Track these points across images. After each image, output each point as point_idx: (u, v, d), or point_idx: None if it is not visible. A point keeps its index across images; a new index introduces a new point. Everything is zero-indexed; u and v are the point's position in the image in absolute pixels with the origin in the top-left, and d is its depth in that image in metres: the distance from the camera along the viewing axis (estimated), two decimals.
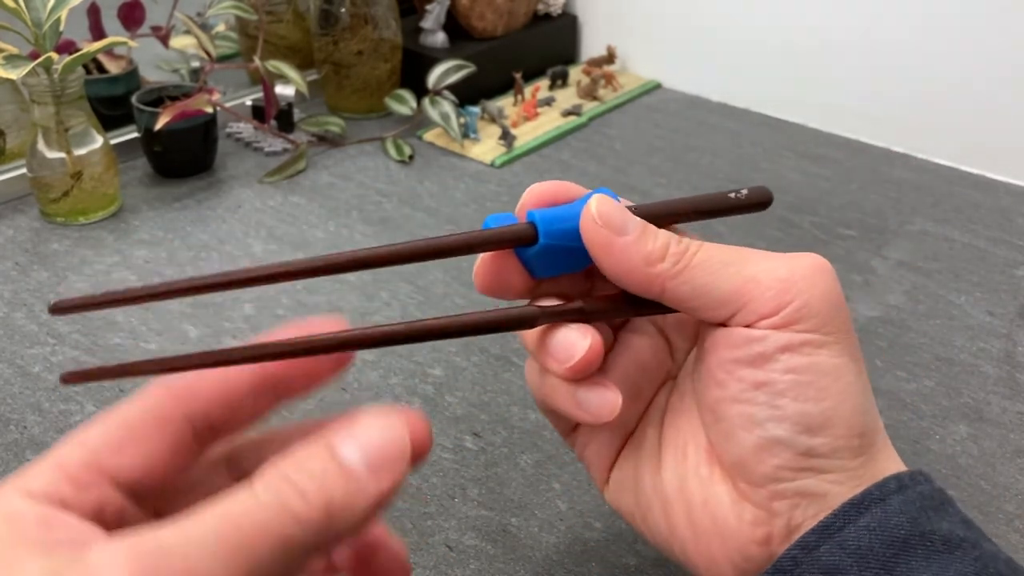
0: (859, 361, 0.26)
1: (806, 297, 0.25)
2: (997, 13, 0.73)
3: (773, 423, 0.25)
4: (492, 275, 0.29)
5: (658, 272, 0.26)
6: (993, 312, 0.57)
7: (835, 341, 0.25)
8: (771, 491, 0.25)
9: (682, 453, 0.29)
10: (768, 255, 0.27)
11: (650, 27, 0.93)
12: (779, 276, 0.26)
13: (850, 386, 0.25)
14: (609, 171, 0.75)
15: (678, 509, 0.28)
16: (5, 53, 0.56)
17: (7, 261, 0.58)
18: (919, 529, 0.24)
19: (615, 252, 0.27)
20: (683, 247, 0.27)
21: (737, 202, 0.30)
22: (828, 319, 0.25)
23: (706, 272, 0.26)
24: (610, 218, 0.27)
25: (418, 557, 0.39)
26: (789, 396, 0.25)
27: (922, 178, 0.76)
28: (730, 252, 0.27)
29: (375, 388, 0.49)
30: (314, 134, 0.77)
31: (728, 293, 0.26)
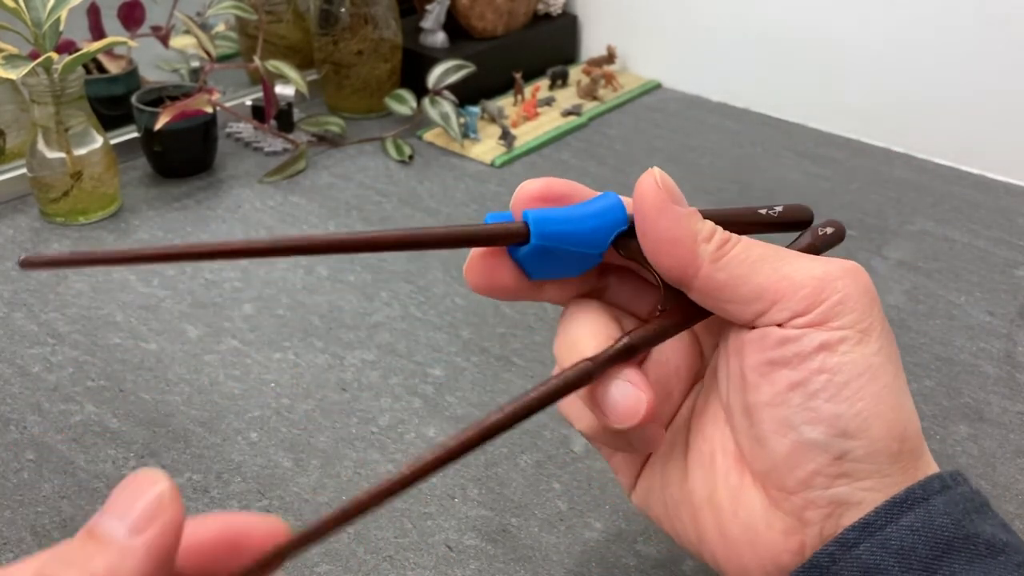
0: (897, 363, 0.26)
1: (841, 295, 0.25)
2: (997, 14, 0.73)
3: (808, 426, 0.25)
4: (482, 273, 0.28)
5: (701, 252, 0.26)
6: (993, 312, 0.57)
7: (872, 340, 0.25)
8: (804, 499, 0.25)
9: (710, 460, 0.28)
10: (804, 256, 0.27)
11: (650, 27, 0.93)
12: (814, 274, 0.25)
13: (887, 388, 0.25)
14: (609, 171, 0.75)
15: (707, 517, 0.27)
16: (5, 53, 0.56)
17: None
18: (963, 532, 0.23)
19: (667, 217, 0.26)
20: (726, 235, 0.27)
21: (768, 219, 0.29)
22: (864, 315, 0.25)
23: (743, 263, 0.26)
24: (670, 185, 0.27)
25: (418, 557, 0.39)
26: (823, 397, 0.24)
27: (922, 178, 0.76)
28: (768, 248, 0.27)
29: (375, 388, 0.49)
30: (314, 134, 0.77)
31: (761, 287, 0.26)
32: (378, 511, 0.41)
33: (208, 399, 0.47)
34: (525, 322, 0.54)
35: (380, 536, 0.40)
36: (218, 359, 0.50)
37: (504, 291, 0.29)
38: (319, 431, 0.46)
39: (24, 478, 0.42)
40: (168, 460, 0.43)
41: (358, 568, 0.38)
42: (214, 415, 0.46)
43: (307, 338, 0.52)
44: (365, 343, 0.52)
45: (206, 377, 0.49)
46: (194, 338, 0.52)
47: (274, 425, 0.46)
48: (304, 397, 0.48)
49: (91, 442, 0.44)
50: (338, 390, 0.48)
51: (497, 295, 0.29)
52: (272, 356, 0.51)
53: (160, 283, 0.57)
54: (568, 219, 0.27)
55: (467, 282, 0.29)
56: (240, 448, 0.44)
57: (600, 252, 0.28)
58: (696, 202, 0.27)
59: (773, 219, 0.29)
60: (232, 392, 0.48)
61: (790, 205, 0.30)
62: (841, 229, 0.30)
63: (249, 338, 0.52)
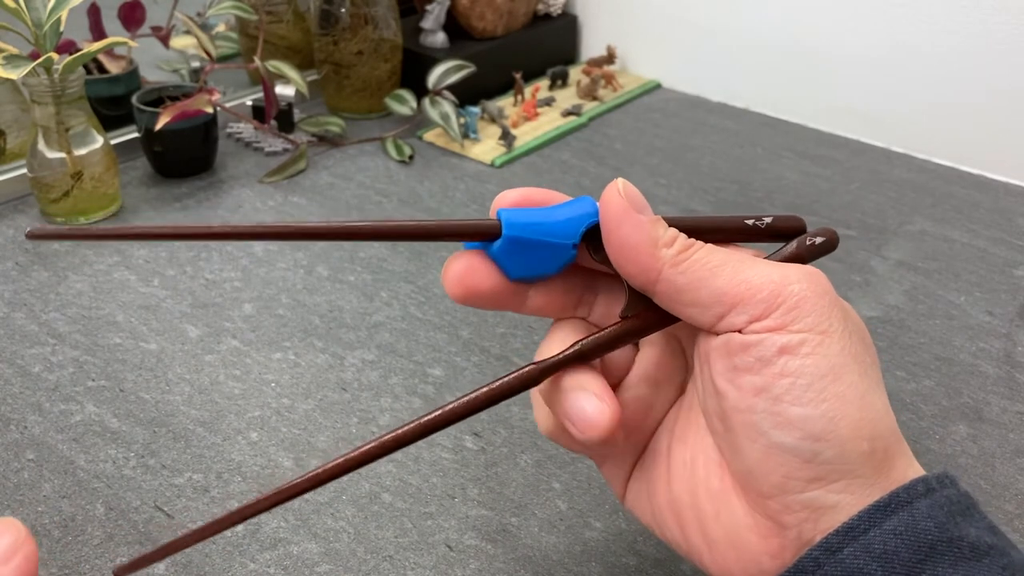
0: (863, 362, 0.26)
1: (798, 298, 0.25)
2: (997, 14, 0.73)
3: (777, 431, 0.25)
4: (459, 277, 0.28)
5: (661, 256, 0.27)
6: (993, 312, 0.58)
7: (833, 340, 0.25)
8: (781, 503, 0.25)
9: (691, 466, 0.28)
10: (766, 261, 0.27)
11: (650, 27, 0.93)
12: (772, 278, 0.26)
13: (851, 387, 0.25)
14: (609, 171, 0.75)
15: (691, 522, 0.28)
16: (5, 53, 0.56)
17: (7, 261, 0.58)
18: (947, 535, 0.23)
19: (628, 223, 0.27)
20: (688, 242, 0.27)
21: (756, 229, 0.29)
22: (823, 317, 0.25)
23: (704, 267, 0.26)
24: (633, 194, 0.27)
25: (418, 557, 0.39)
26: (788, 401, 0.25)
27: (922, 178, 0.76)
28: (732, 254, 0.27)
29: (375, 388, 0.49)
30: (314, 134, 0.77)
31: (720, 291, 0.26)
32: (378, 511, 0.41)
33: (208, 399, 0.47)
34: (525, 322, 0.54)
35: (380, 536, 0.40)
36: (218, 359, 0.50)
37: (483, 296, 0.29)
38: (319, 431, 0.46)
39: (24, 478, 0.42)
40: (168, 460, 0.43)
41: (358, 568, 0.38)
42: (214, 415, 0.46)
43: (307, 338, 0.52)
44: (365, 343, 0.52)
45: (206, 377, 0.49)
46: (194, 338, 0.52)
47: (274, 425, 0.46)
48: (304, 397, 0.48)
49: (91, 442, 0.44)
50: (338, 390, 0.48)
51: (477, 301, 0.29)
52: (272, 356, 0.51)
53: (160, 283, 0.57)
54: (536, 213, 0.28)
55: (447, 292, 0.29)
56: (240, 448, 0.44)
57: (573, 244, 0.28)
58: (696, 202, 0.28)
59: (760, 229, 0.29)
60: (232, 392, 0.48)
61: (781, 215, 0.29)
62: (832, 239, 0.29)
63: (249, 338, 0.52)
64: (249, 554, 0.39)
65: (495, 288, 0.29)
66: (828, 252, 0.29)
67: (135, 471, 0.42)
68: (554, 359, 0.28)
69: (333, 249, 0.61)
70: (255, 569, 0.38)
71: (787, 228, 0.30)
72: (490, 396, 0.28)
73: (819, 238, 0.29)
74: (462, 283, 0.28)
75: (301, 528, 0.40)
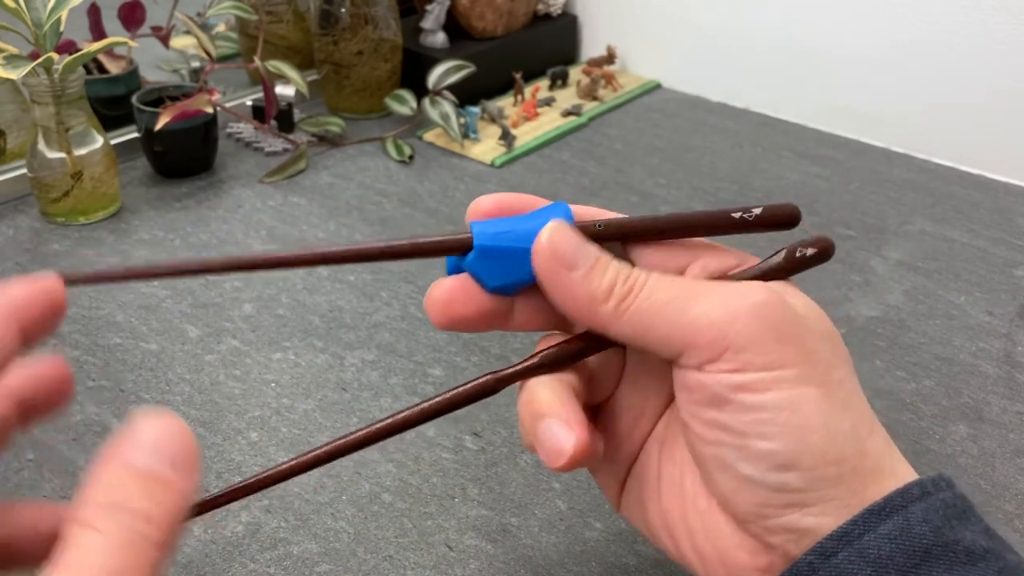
0: (827, 383, 0.25)
1: (744, 338, 0.24)
2: (997, 14, 0.73)
3: (743, 463, 0.25)
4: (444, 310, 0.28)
5: (601, 313, 0.26)
6: (993, 312, 0.58)
7: (788, 374, 0.24)
8: (760, 527, 0.25)
9: (680, 483, 0.28)
10: (712, 290, 0.26)
11: (650, 27, 0.93)
12: (715, 318, 0.25)
13: (814, 415, 0.24)
14: (609, 171, 0.75)
15: (682, 536, 0.28)
16: (5, 53, 0.56)
17: (7, 261, 0.58)
18: (942, 539, 0.23)
19: (561, 287, 0.27)
20: (628, 287, 0.26)
21: (743, 222, 0.28)
22: (774, 355, 0.24)
23: (646, 313, 0.26)
24: (561, 251, 0.26)
25: (418, 557, 0.39)
26: (751, 436, 0.24)
27: (922, 178, 0.76)
28: (674, 289, 0.26)
29: (375, 388, 0.49)
30: (314, 134, 0.77)
31: (667, 336, 0.25)
32: (378, 511, 0.41)
33: (208, 399, 0.47)
34: None
35: (380, 536, 0.40)
36: (218, 359, 0.50)
37: (468, 321, 0.29)
38: (319, 431, 0.46)
39: (24, 478, 0.42)
40: None
41: (358, 568, 0.38)
42: (214, 415, 0.46)
43: (307, 338, 0.52)
44: (365, 343, 0.52)
45: (206, 377, 0.49)
46: (194, 338, 0.52)
47: (274, 425, 0.46)
48: (304, 397, 0.48)
49: (91, 442, 0.44)
50: (338, 390, 0.48)
51: (462, 326, 0.29)
52: (272, 356, 0.51)
53: (160, 283, 0.57)
54: (508, 222, 0.28)
55: (431, 320, 0.29)
56: (240, 448, 0.44)
57: None
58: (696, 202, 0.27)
59: (749, 222, 0.28)
60: (232, 392, 0.48)
61: (772, 205, 0.28)
62: (826, 249, 0.28)
63: (249, 338, 0.52)
64: (249, 554, 0.39)
65: (479, 312, 0.29)
66: (822, 262, 0.28)
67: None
68: (511, 370, 0.28)
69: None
70: (255, 569, 0.38)
71: (779, 218, 0.28)
72: (444, 405, 0.28)
73: (811, 249, 0.28)
74: (446, 313, 0.28)
75: (301, 528, 0.40)
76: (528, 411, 0.28)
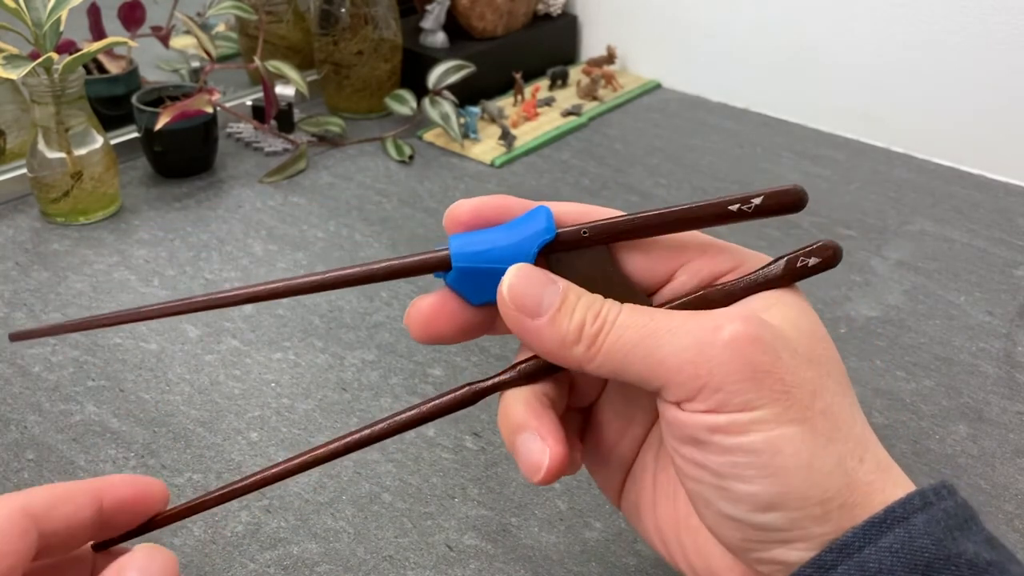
0: (808, 421, 0.24)
1: (717, 379, 0.23)
2: (997, 14, 0.73)
3: (723, 502, 0.24)
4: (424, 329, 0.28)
5: (573, 355, 0.25)
6: (993, 312, 0.58)
7: (766, 414, 0.23)
8: (746, 558, 0.25)
9: (673, 499, 0.28)
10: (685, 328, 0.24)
11: (650, 27, 0.93)
12: (687, 359, 0.24)
13: (794, 457, 0.23)
14: (609, 171, 0.75)
15: (676, 550, 0.28)
16: (5, 53, 0.56)
17: (7, 261, 0.58)
18: (944, 552, 0.23)
19: (529, 335, 0.26)
20: (597, 327, 0.25)
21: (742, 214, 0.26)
22: (749, 395, 0.23)
23: (617, 354, 0.25)
24: (522, 299, 0.26)
25: (418, 557, 0.39)
26: (731, 477, 0.24)
27: (922, 178, 0.76)
28: (644, 328, 0.25)
29: (375, 388, 0.49)
30: (314, 134, 0.77)
31: (641, 376, 0.25)
32: (378, 511, 0.41)
33: (208, 399, 0.47)
34: None
35: (380, 536, 0.40)
36: (218, 359, 0.50)
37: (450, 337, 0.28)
38: (319, 431, 0.46)
39: (24, 478, 0.42)
40: (168, 460, 0.43)
41: (358, 568, 0.38)
42: (214, 415, 0.46)
43: (307, 338, 0.52)
44: (365, 343, 0.52)
45: (206, 377, 0.49)
46: (194, 338, 0.52)
47: (274, 425, 0.46)
48: (304, 397, 0.48)
49: (91, 442, 0.44)
50: (338, 390, 0.48)
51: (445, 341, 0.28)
52: (272, 356, 0.51)
53: (160, 283, 0.57)
54: (488, 238, 0.27)
55: (412, 335, 0.28)
56: (240, 448, 0.44)
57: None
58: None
59: (747, 214, 0.26)
60: (232, 392, 0.48)
61: (773, 191, 0.26)
62: (831, 256, 0.26)
63: (249, 338, 0.52)
64: (249, 554, 0.39)
65: (462, 328, 0.28)
66: (826, 270, 0.27)
67: (135, 471, 0.42)
68: (489, 381, 0.28)
69: (333, 249, 0.61)
70: (255, 569, 0.38)
71: (783, 204, 0.26)
72: (419, 417, 0.27)
73: (813, 259, 0.26)
74: (426, 332, 0.28)
75: (301, 528, 0.40)
76: (505, 425, 0.27)
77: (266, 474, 0.28)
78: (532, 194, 0.70)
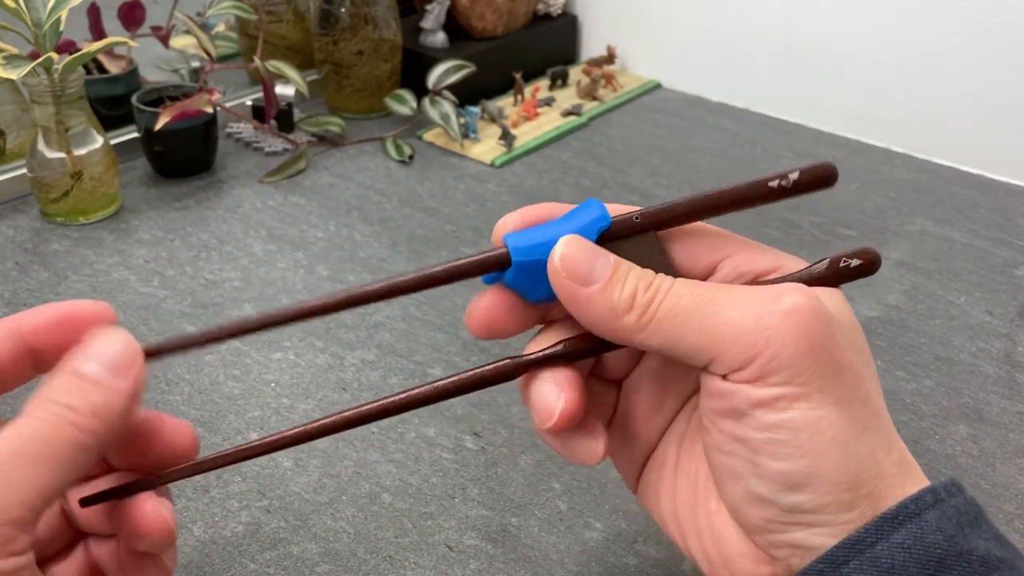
0: (850, 405, 0.24)
1: (774, 348, 0.23)
2: (997, 14, 0.73)
3: (755, 479, 0.24)
4: (486, 326, 0.28)
5: (624, 326, 0.25)
6: (993, 312, 0.58)
7: (813, 391, 0.24)
8: (765, 540, 0.25)
9: (693, 483, 0.28)
10: (743, 297, 0.24)
11: (650, 27, 0.93)
12: (745, 327, 0.24)
13: (833, 440, 0.23)
14: (609, 171, 0.75)
15: (692, 535, 0.28)
16: (5, 53, 0.56)
17: (7, 261, 0.58)
18: (956, 548, 0.23)
19: (580, 304, 0.26)
20: (650, 296, 0.25)
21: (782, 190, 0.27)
22: (802, 369, 0.23)
23: (673, 324, 0.25)
24: (574, 267, 0.26)
25: (418, 557, 0.39)
26: (766, 454, 0.24)
27: (922, 178, 0.76)
28: (700, 296, 0.25)
29: (375, 388, 0.49)
30: (314, 134, 0.77)
31: (694, 347, 0.24)
32: (378, 511, 0.41)
33: (208, 399, 0.47)
34: None
35: (380, 536, 0.40)
36: (218, 359, 0.50)
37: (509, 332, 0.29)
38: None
39: None
40: None
41: (358, 568, 0.38)
42: (214, 415, 0.46)
43: (307, 338, 0.52)
44: (365, 343, 0.52)
45: (206, 377, 0.49)
46: None
47: (274, 425, 0.46)
48: (304, 397, 0.48)
49: None
50: (338, 390, 0.48)
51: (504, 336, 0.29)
52: (272, 356, 0.51)
53: (160, 283, 0.57)
54: (546, 231, 0.27)
55: (472, 332, 0.29)
56: None
57: None
58: None
59: (788, 189, 0.27)
60: (232, 392, 0.48)
61: (808, 167, 0.27)
62: (871, 260, 0.27)
63: (249, 338, 0.52)
64: (249, 554, 0.39)
65: (520, 323, 0.29)
66: (867, 275, 0.27)
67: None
68: (533, 356, 0.28)
69: (333, 249, 0.61)
70: (255, 569, 0.38)
71: (817, 179, 0.27)
72: (460, 385, 0.28)
73: (855, 260, 0.27)
74: (488, 329, 0.28)
75: (301, 528, 0.40)
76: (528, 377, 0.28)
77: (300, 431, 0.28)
78: (532, 194, 0.70)
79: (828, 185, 0.27)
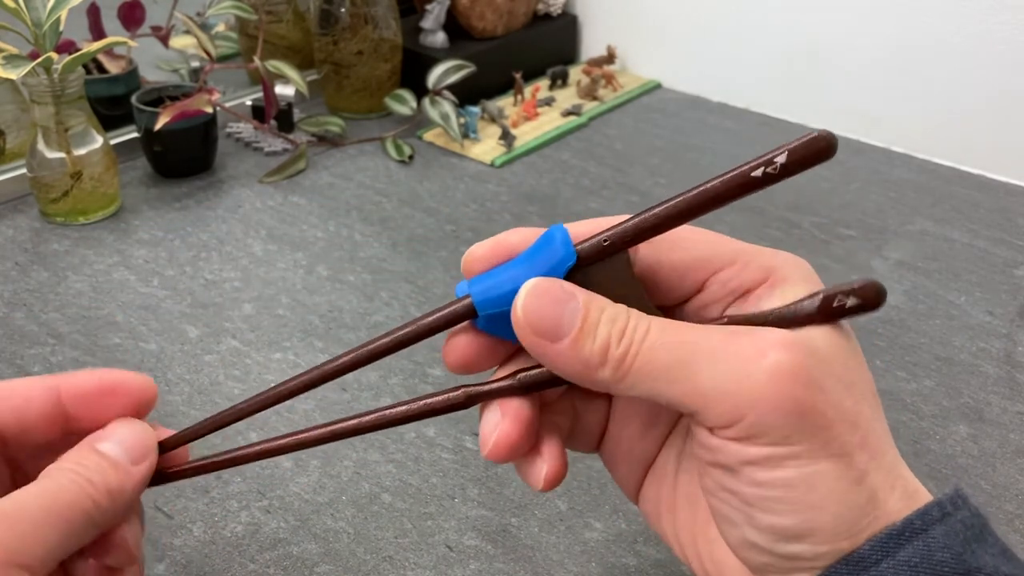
0: (847, 455, 0.23)
1: (758, 413, 0.22)
2: (997, 14, 0.73)
3: (748, 528, 0.24)
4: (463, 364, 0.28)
5: (600, 379, 0.24)
6: (993, 312, 0.57)
7: (803, 451, 0.22)
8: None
9: (694, 506, 0.27)
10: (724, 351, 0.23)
11: (650, 27, 0.93)
12: (727, 389, 0.22)
13: (829, 495, 0.23)
14: (609, 171, 0.75)
15: (691, 555, 0.27)
16: (5, 53, 0.56)
17: (7, 261, 0.58)
18: (964, 566, 0.22)
19: (550, 360, 0.24)
20: (623, 348, 0.23)
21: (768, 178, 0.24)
22: (791, 431, 0.22)
23: (648, 377, 0.23)
24: (540, 323, 0.24)
25: (418, 557, 0.39)
26: (759, 508, 0.23)
27: (922, 178, 0.76)
28: (677, 351, 0.23)
29: (375, 388, 0.49)
30: (314, 134, 0.77)
31: (677, 400, 0.23)
32: (378, 511, 0.41)
33: (208, 399, 0.47)
34: None
35: (380, 536, 0.40)
36: (218, 359, 0.50)
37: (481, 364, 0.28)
38: None
39: None
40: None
41: (358, 568, 0.38)
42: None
43: (307, 338, 0.52)
44: None
45: (206, 377, 0.49)
46: (194, 338, 0.52)
47: (274, 425, 0.46)
48: (304, 397, 0.48)
49: None
50: (338, 390, 0.48)
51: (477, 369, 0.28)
52: (272, 356, 0.51)
53: (160, 283, 0.57)
54: (509, 276, 0.25)
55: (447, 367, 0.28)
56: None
57: None
58: None
59: (775, 176, 0.24)
60: (232, 392, 0.48)
61: (797, 143, 0.23)
62: (871, 298, 0.23)
63: (249, 338, 0.52)
64: (249, 554, 0.39)
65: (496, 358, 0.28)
66: (866, 313, 0.24)
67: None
68: (485, 387, 0.26)
69: (333, 249, 0.61)
70: (255, 569, 0.38)
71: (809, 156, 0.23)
72: (408, 415, 0.27)
73: (852, 299, 0.23)
74: (465, 368, 0.28)
75: (301, 528, 0.40)
76: None
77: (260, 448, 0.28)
78: (532, 194, 0.70)
79: (827, 157, 0.23)
